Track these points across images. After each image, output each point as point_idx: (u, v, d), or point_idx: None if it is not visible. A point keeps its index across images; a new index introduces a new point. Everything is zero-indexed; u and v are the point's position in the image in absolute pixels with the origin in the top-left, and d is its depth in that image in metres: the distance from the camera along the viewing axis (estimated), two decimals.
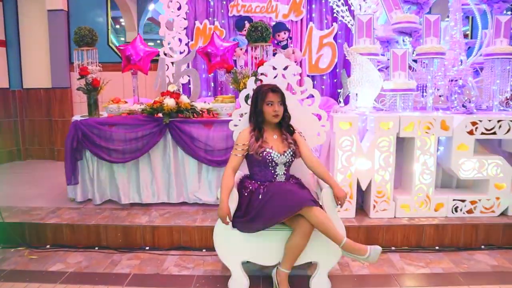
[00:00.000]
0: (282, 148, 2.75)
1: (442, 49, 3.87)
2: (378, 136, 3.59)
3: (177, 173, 3.97)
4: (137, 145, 3.86)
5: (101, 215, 3.80)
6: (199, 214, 3.80)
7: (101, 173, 4.03)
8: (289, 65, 3.05)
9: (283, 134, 2.80)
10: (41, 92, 6.53)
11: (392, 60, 3.92)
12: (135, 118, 3.86)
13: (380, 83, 3.87)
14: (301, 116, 3.05)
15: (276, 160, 2.72)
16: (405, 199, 3.70)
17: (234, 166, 2.73)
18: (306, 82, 3.08)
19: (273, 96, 2.72)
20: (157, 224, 3.58)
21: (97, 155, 3.92)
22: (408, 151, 3.74)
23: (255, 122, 2.77)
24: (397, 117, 3.57)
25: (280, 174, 2.78)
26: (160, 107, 3.73)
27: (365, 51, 3.97)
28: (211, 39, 4.20)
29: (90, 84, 4.00)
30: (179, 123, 3.82)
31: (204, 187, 3.97)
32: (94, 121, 3.91)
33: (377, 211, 3.68)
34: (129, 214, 3.85)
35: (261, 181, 2.76)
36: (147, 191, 3.99)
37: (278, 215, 2.54)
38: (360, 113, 3.85)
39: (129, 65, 4.20)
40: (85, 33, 4.12)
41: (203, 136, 3.83)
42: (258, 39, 3.93)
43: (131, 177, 4.01)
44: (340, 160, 3.62)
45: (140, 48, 4.20)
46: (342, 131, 3.58)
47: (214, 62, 4.13)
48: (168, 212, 3.89)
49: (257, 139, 2.72)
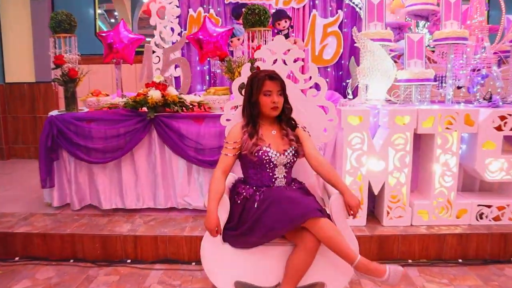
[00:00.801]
0: (281, 146, 2.30)
1: (464, 34, 3.41)
2: (393, 132, 3.13)
3: (164, 175, 3.52)
4: (119, 143, 3.42)
5: (79, 223, 3.37)
6: (189, 222, 3.36)
7: (79, 175, 3.60)
8: (291, 49, 2.59)
9: (283, 130, 2.34)
10: (25, 87, 6.10)
11: (407, 47, 3.46)
12: (116, 113, 3.42)
13: (394, 73, 3.42)
14: (305, 108, 2.60)
15: (274, 161, 2.27)
16: (423, 205, 3.25)
17: (225, 168, 2.28)
18: (310, 69, 2.62)
19: (271, 84, 2.26)
20: (140, 234, 3.14)
21: (74, 154, 3.49)
22: (427, 149, 3.28)
23: (249, 116, 2.32)
24: (415, 110, 3.12)
25: (279, 177, 2.32)
26: (143, 100, 3.29)
27: (377, 37, 3.51)
28: (203, 24, 3.75)
29: (67, 75, 3.56)
30: (166, 119, 3.37)
31: (195, 191, 3.52)
32: (70, 117, 3.48)
33: (391, 218, 3.24)
34: (110, 221, 3.41)
35: (257, 186, 2.31)
36: (131, 195, 3.55)
37: (278, 227, 2.09)
38: (372, 106, 3.40)
39: (111, 53, 3.75)
40: (62, 18, 3.67)
41: (193, 133, 3.38)
42: (256, 23, 3.47)
43: (112, 180, 3.57)
44: (349, 160, 3.17)
45: (124, 35, 3.75)
46: (352, 127, 3.13)
47: (207, 50, 3.67)
48: (154, 219, 3.44)
49: (251, 136, 2.26)
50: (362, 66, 3.44)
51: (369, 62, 3.39)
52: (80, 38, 3.89)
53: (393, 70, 3.41)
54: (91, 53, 5.47)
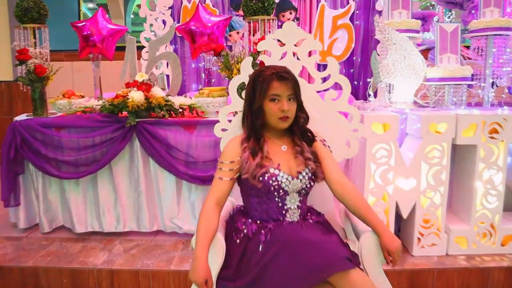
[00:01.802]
0: (295, 168, 1.73)
1: (508, 23, 2.84)
2: (427, 143, 2.56)
3: (149, 192, 2.95)
4: (94, 155, 2.85)
5: (46, 250, 2.81)
6: (178, 250, 2.80)
7: (49, 192, 3.04)
8: (304, 38, 2.02)
9: (297, 145, 1.77)
10: (2, 86, 5.52)
11: (439, 39, 2.89)
12: (90, 119, 2.84)
13: (424, 70, 2.86)
14: (322, 116, 2.04)
15: (285, 187, 1.70)
16: (461, 230, 2.69)
17: (219, 197, 1.71)
18: (329, 64, 2.05)
19: (280, 86, 1.69)
20: (118, 267, 2.58)
21: (41, 168, 2.92)
22: (466, 163, 2.71)
23: (250, 127, 1.75)
24: (453, 116, 2.55)
25: (292, 208, 1.74)
26: (122, 103, 2.71)
27: (403, 27, 2.95)
28: (196, 13, 3.17)
29: (33, 73, 2.98)
30: (150, 125, 2.80)
31: (185, 212, 2.94)
32: (36, 123, 2.91)
33: (423, 247, 2.67)
34: (84, 248, 2.85)
35: (262, 221, 1.74)
36: (109, 217, 2.98)
37: (292, 283, 1.52)
38: (397, 110, 2.83)
39: (88, 47, 3.18)
40: (29, 5, 3.12)
41: (183, 142, 2.81)
42: (258, 10, 2.89)
43: (87, 198, 3.00)
44: (373, 177, 2.60)
45: (103, 26, 3.18)
46: (376, 136, 2.56)
47: (200, 43, 3.09)
48: (137, 245, 2.88)
49: (254, 154, 1.69)
50: (385, 62, 2.87)
51: (395, 57, 2.82)
52: (64, 32, 3.35)
53: (423, 67, 2.84)
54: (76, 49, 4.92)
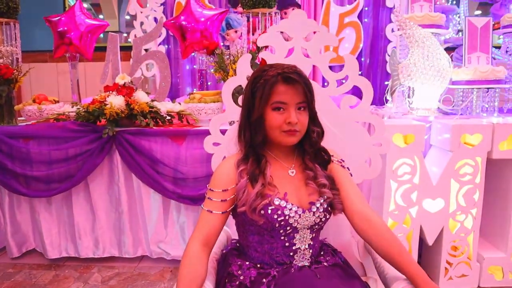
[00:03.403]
0: (306, 198, 1.32)
1: None
2: (458, 157, 2.17)
3: (132, 213, 2.56)
4: (68, 169, 2.46)
5: (11, 281, 2.42)
6: (165, 280, 2.41)
7: (17, 212, 2.65)
8: (316, 31, 1.63)
9: (308, 169, 1.36)
10: None
11: (468, 36, 2.50)
12: (63, 128, 2.44)
13: (450, 71, 2.47)
14: (337, 128, 1.64)
15: (294, 223, 1.30)
16: (496, 259, 2.30)
17: (208, 235, 1.30)
18: (347, 62, 1.66)
19: (287, 91, 1.28)
20: None
21: (6, 185, 2.53)
22: (503, 182, 2.31)
23: (248, 144, 1.34)
24: (490, 126, 2.15)
25: (301, 248, 1.34)
26: (99, 110, 2.32)
27: (426, 22, 2.56)
28: (187, 6, 2.77)
29: None
30: (132, 136, 2.41)
31: (173, 235, 2.55)
32: (1, 132, 2.51)
33: (451, 278, 2.29)
34: (56, 277, 2.46)
35: (263, 264, 1.34)
36: (86, 241, 2.58)
37: None
38: (420, 118, 2.44)
39: (63, 45, 2.78)
40: None
41: (170, 156, 2.41)
42: (258, 2, 2.50)
43: (61, 219, 2.61)
44: (393, 198, 2.20)
45: (80, 20, 2.78)
46: (398, 150, 2.17)
47: (191, 40, 2.70)
48: (117, 274, 2.49)
49: (253, 180, 1.29)
50: (406, 62, 2.48)
51: (417, 57, 2.43)
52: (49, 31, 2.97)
53: (449, 68, 2.45)
54: None
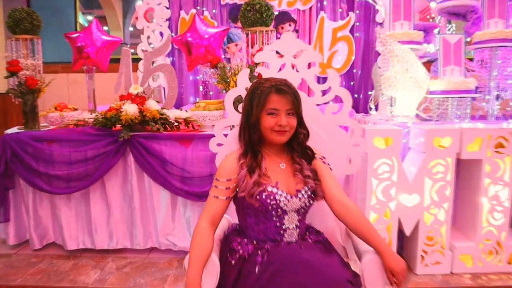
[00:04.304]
0: (294, 186, 1.63)
1: None
2: (431, 157, 2.48)
3: (143, 209, 2.86)
4: (86, 169, 2.77)
5: (35, 268, 2.71)
6: (173, 268, 2.69)
7: (40, 207, 2.94)
8: (304, 50, 1.94)
9: (296, 163, 1.68)
10: None
11: (443, 51, 2.82)
12: (82, 132, 2.75)
13: (427, 82, 2.78)
14: (322, 130, 1.95)
15: (284, 206, 1.60)
16: (466, 248, 2.60)
17: (214, 216, 1.61)
18: (330, 76, 1.98)
19: (278, 100, 1.60)
20: (109, 286, 2.47)
21: (31, 183, 2.83)
22: (471, 179, 2.62)
23: (247, 142, 1.66)
24: (458, 130, 2.46)
25: (290, 228, 1.64)
26: (116, 117, 2.63)
27: (405, 38, 2.88)
28: (192, 24, 3.10)
29: (24, 85, 2.90)
30: (144, 139, 2.72)
31: (180, 228, 2.85)
32: (27, 136, 2.82)
33: (427, 265, 2.58)
34: (75, 265, 2.75)
35: (259, 241, 1.64)
36: (102, 234, 2.88)
37: None
38: (400, 124, 2.75)
39: (81, 59, 3.10)
40: (22, 16, 3.03)
41: (178, 157, 2.72)
42: (256, 21, 2.82)
43: (79, 214, 2.91)
44: (375, 193, 2.51)
45: (97, 37, 3.10)
46: (378, 151, 2.48)
47: (196, 55, 3.02)
48: (130, 263, 2.78)
49: (251, 171, 1.60)
50: (387, 74, 2.80)
51: (397, 70, 2.75)
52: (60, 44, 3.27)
53: (425, 79, 2.76)
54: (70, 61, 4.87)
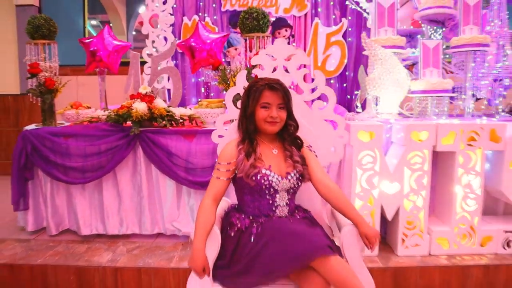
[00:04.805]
0: (284, 169, 1.93)
1: (486, 40, 3.07)
2: (409, 150, 2.77)
3: (151, 197, 3.14)
4: (100, 161, 3.05)
5: (53, 251, 2.98)
6: (178, 250, 2.97)
7: (56, 196, 3.22)
8: (294, 54, 2.24)
9: (287, 150, 1.97)
10: (9, 99, 5.73)
11: (422, 54, 3.11)
12: (96, 128, 3.05)
13: (408, 83, 3.08)
14: (310, 123, 2.24)
15: (276, 186, 1.90)
16: (442, 232, 2.88)
17: (216, 194, 1.90)
18: (317, 77, 2.27)
19: (270, 95, 1.90)
20: (121, 265, 2.75)
21: (50, 174, 3.11)
22: (446, 169, 2.91)
23: (244, 131, 1.95)
24: (434, 125, 2.76)
25: (281, 205, 1.94)
26: (127, 114, 2.92)
27: (388, 43, 3.17)
28: (195, 30, 3.40)
29: (43, 85, 3.20)
30: (152, 134, 3.01)
31: (185, 215, 3.13)
32: (46, 132, 3.11)
33: (407, 247, 2.86)
34: (89, 249, 3.03)
35: (254, 216, 1.93)
36: (113, 220, 3.16)
37: (279, 268, 1.72)
38: (383, 120, 3.04)
39: (94, 62, 3.40)
40: (40, 23, 3.32)
41: (183, 150, 3.01)
42: (254, 28, 3.11)
43: (92, 202, 3.19)
44: (359, 182, 2.79)
45: (108, 42, 3.40)
46: (362, 144, 2.77)
47: (199, 58, 3.31)
48: (139, 246, 3.06)
49: (248, 155, 1.89)
50: (372, 76, 3.09)
51: (380, 72, 3.04)
52: (69, 48, 3.55)
53: (407, 80, 3.06)
54: (80, 64, 5.14)
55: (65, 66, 5.47)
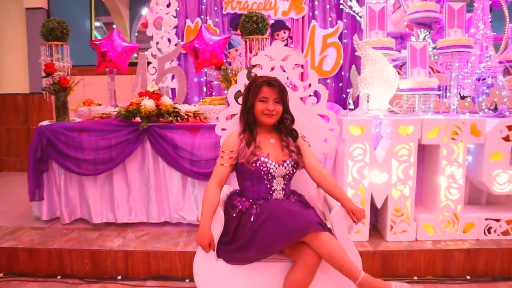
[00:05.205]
0: (281, 157, 2.17)
1: (469, 42, 3.31)
2: (396, 143, 3.00)
3: (158, 188, 3.38)
4: (110, 154, 3.29)
5: (68, 237, 3.21)
6: (183, 237, 3.21)
7: (69, 187, 3.45)
8: (289, 54, 2.48)
9: (283, 141, 2.21)
10: (19, 98, 5.97)
11: (410, 55, 3.35)
12: (107, 123, 3.29)
13: (396, 82, 3.31)
14: (304, 117, 2.48)
15: (273, 172, 2.13)
16: (428, 219, 3.11)
17: (220, 179, 2.15)
18: (310, 76, 2.51)
19: (268, 91, 2.14)
20: (131, 249, 2.99)
21: (64, 166, 3.35)
22: (431, 161, 3.15)
23: (245, 122, 2.19)
24: (419, 120, 2.99)
25: (277, 189, 2.18)
26: (136, 110, 3.16)
27: (379, 45, 3.41)
28: (199, 33, 3.64)
29: (58, 84, 3.44)
30: (160, 129, 3.24)
31: (189, 205, 3.37)
32: (60, 127, 3.34)
33: (395, 233, 3.09)
34: (101, 236, 3.26)
35: (253, 199, 2.17)
36: (123, 209, 3.40)
37: (275, 242, 1.95)
38: (374, 116, 3.27)
39: (104, 62, 3.64)
40: (54, 26, 3.56)
41: (187, 144, 3.25)
42: (253, 31, 3.35)
43: (103, 193, 3.43)
44: (351, 172, 3.03)
45: (118, 43, 3.65)
46: (353, 138, 3.00)
47: (202, 59, 3.55)
48: (147, 233, 3.29)
49: (248, 144, 2.13)
50: (363, 75, 3.32)
51: (371, 71, 3.27)
52: (76, 49, 3.79)
53: (395, 79, 3.29)
54: (87, 64, 5.38)
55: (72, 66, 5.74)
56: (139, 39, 6.46)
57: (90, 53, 5.72)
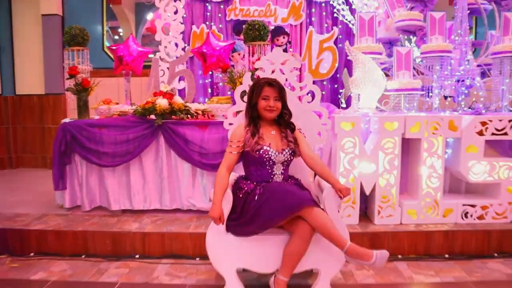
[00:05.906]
0: (280, 146, 2.56)
1: (448, 47, 3.70)
2: (383, 137, 3.39)
3: (170, 177, 3.76)
4: (128, 148, 3.66)
5: (89, 222, 3.59)
6: (193, 221, 3.59)
7: (90, 178, 3.83)
8: (288, 59, 2.87)
9: (282, 132, 2.60)
10: (34, 99, 6.36)
11: (396, 59, 3.74)
12: (125, 120, 3.67)
13: (384, 83, 3.70)
14: (300, 113, 2.86)
15: (274, 159, 2.52)
16: (411, 204, 3.49)
17: (229, 165, 2.54)
18: (306, 77, 2.90)
19: (269, 90, 2.53)
20: (148, 231, 3.37)
21: (86, 158, 3.73)
22: (414, 153, 3.54)
23: (250, 117, 2.58)
24: (403, 117, 3.38)
25: (277, 173, 2.57)
26: (152, 108, 3.55)
27: (368, 50, 3.80)
28: (207, 39, 4.03)
29: (80, 84, 3.82)
30: (172, 125, 3.63)
31: (199, 193, 3.75)
32: (83, 123, 3.72)
33: (382, 217, 3.47)
34: (119, 221, 3.64)
35: (257, 182, 2.55)
36: (139, 197, 3.78)
37: (276, 216, 2.34)
38: (363, 114, 3.66)
39: (121, 65, 4.03)
40: (76, 33, 3.95)
41: (197, 138, 3.63)
42: (256, 37, 3.75)
43: (121, 182, 3.80)
44: (342, 163, 3.42)
45: (133, 48, 4.04)
46: (344, 132, 3.39)
47: (210, 63, 3.95)
48: (161, 218, 3.67)
49: (253, 135, 2.52)
50: (354, 77, 3.71)
51: (361, 74, 3.66)
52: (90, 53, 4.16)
53: (383, 80, 3.68)
54: (98, 67, 5.75)
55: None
56: (144, 42, 6.85)
57: (101, 56, 6.15)
